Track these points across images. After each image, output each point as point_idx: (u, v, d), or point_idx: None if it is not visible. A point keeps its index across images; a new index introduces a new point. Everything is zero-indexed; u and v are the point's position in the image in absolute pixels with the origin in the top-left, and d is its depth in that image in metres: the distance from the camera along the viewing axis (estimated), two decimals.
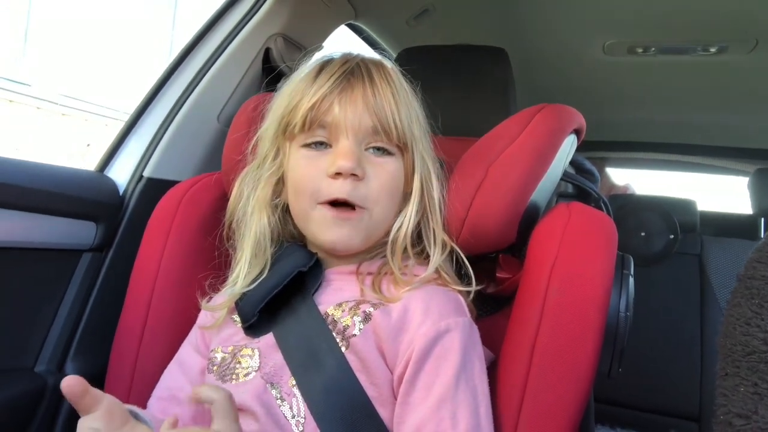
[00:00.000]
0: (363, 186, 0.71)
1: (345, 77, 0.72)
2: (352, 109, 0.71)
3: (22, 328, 0.92)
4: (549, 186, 0.84)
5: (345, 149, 0.70)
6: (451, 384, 0.63)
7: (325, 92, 0.71)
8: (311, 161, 0.72)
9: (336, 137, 0.71)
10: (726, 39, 1.43)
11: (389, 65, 0.77)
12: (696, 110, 2.03)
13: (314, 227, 0.73)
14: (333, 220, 0.71)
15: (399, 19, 1.49)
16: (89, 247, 0.99)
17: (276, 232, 0.78)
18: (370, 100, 0.71)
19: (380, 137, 0.72)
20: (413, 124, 0.75)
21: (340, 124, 0.71)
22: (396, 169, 0.74)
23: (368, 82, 0.72)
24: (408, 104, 0.75)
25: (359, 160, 0.70)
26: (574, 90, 1.94)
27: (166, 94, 1.12)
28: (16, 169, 0.87)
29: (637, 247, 2.15)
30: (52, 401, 0.92)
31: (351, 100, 0.71)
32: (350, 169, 0.69)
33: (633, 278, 0.75)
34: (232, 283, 0.77)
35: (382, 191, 0.72)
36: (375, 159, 0.73)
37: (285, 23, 1.23)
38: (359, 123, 0.71)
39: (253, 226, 0.77)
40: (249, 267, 0.76)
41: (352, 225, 0.71)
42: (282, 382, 0.69)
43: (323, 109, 0.71)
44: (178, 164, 1.12)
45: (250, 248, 0.76)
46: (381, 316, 0.68)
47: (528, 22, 1.50)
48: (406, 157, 0.75)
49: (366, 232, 0.73)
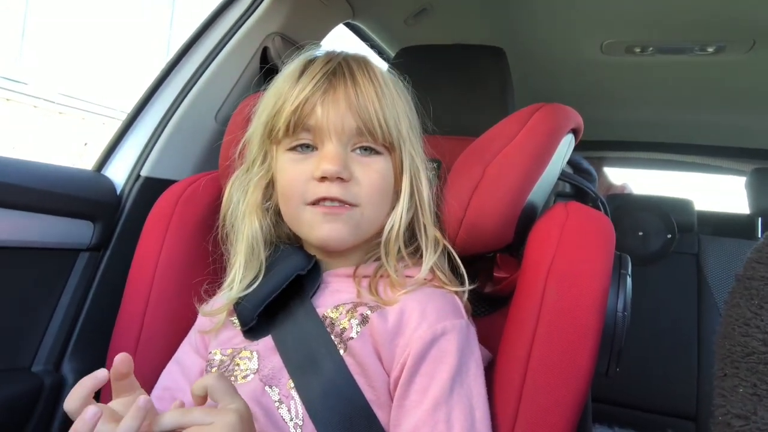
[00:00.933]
0: (352, 186, 0.70)
1: (327, 78, 0.71)
2: (335, 110, 0.70)
3: (19, 327, 0.91)
4: (546, 186, 0.84)
5: (330, 153, 0.69)
6: (446, 387, 0.63)
7: (307, 95, 0.70)
8: (297, 165, 0.72)
9: (321, 140, 0.71)
10: (724, 39, 1.43)
11: (373, 63, 0.76)
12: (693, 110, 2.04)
13: (305, 227, 0.73)
14: (323, 217, 0.70)
15: (397, 19, 1.49)
16: (86, 246, 0.98)
17: (269, 235, 0.78)
18: (353, 101, 0.70)
19: (365, 138, 0.71)
20: (400, 122, 0.74)
21: (323, 126, 0.70)
22: (384, 168, 0.73)
23: (351, 82, 0.71)
24: (393, 102, 0.74)
25: (345, 163, 0.70)
26: (572, 89, 1.95)
27: (163, 93, 1.12)
28: (14, 168, 0.87)
29: (634, 247, 2.15)
30: (49, 401, 0.91)
31: (333, 101, 0.70)
32: (335, 173, 0.68)
33: (630, 278, 0.75)
34: (228, 288, 0.76)
35: (373, 190, 0.72)
36: (362, 159, 0.72)
37: (283, 22, 1.23)
38: (342, 125, 0.70)
39: (245, 230, 0.76)
40: (244, 271, 0.75)
41: (342, 220, 0.71)
42: (280, 384, 0.68)
43: (306, 112, 0.70)
44: (176, 164, 1.11)
45: (244, 253, 0.76)
46: (378, 319, 0.68)
47: (526, 22, 1.50)
48: (394, 156, 0.74)
49: (357, 228, 0.72)
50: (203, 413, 0.54)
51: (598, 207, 0.92)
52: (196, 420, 0.54)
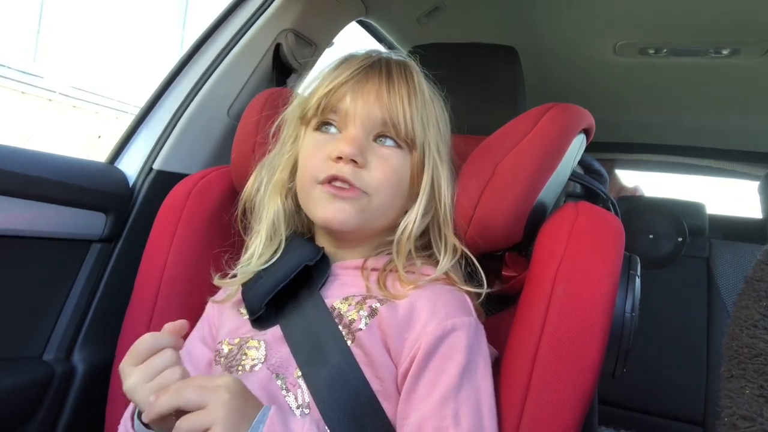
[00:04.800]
0: (365, 172, 0.72)
1: (363, 70, 0.74)
2: (364, 100, 0.72)
3: (32, 316, 0.93)
4: (557, 185, 0.83)
5: (350, 136, 0.72)
6: (455, 383, 0.64)
7: (341, 81, 0.73)
8: (319, 145, 0.74)
9: (345, 124, 0.73)
10: (739, 41, 1.42)
11: (415, 68, 0.78)
12: (707, 113, 2.02)
13: (312, 204, 0.74)
14: (330, 197, 0.72)
15: (410, 17, 1.49)
16: (98, 237, 1.00)
17: (290, 215, 0.80)
18: (384, 96, 0.73)
19: (388, 129, 0.73)
20: (428, 126, 0.76)
21: (350, 112, 0.73)
22: (400, 164, 0.74)
23: (385, 78, 0.74)
24: (425, 106, 0.76)
25: (362, 148, 0.71)
26: (584, 90, 1.94)
27: (176, 88, 1.13)
28: (29, 159, 0.88)
29: (644, 250, 2.14)
30: (59, 389, 0.93)
31: (364, 91, 0.73)
32: (350, 155, 0.70)
33: (639, 279, 0.74)
34: (246, 262, 0.78)
35: (383, 180, 0.73)
36: (381, 150, 0.73)
37: (296, 19, 1.23)
38: (368, 113, 0.72)
39: (270, 208, 0.79)
40: (263, 247, 0.78)
41: (348, 204, 0.72)
42: (287, 373, 0.69)
43: (338, 97, 0.73)
44: (188, 157, 1.12)
45: (266, 230, 0.78)
46: (387, 311, 0.69)
47: (539, 21, 1.49)
48: (414, 155, 0.75)
49: (363, 213, 0.73)
50: (196, 392, 0.55)
51: (608, 208, 0.91)
52: (191, 400, 0.55)
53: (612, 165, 2.69)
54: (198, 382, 0.57)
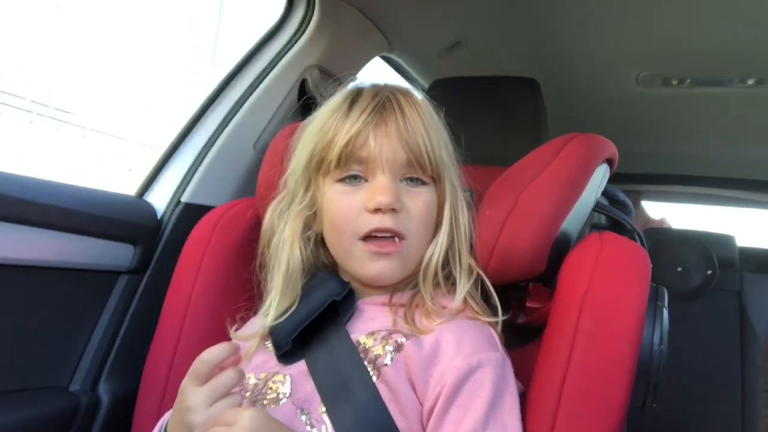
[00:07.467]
0: (403, 217, 0.72)
1: (378, 111, 0.73)
2: (387, 143, 0.72)
3: (60, 346, 0.94)
4: (581, 215, 0.83)
5: (383, 185, 0.71)
6: (481, 420, 0.62)
7: (360, 128, 0.71)
8: (348, 197, 0.73)
9: (372, 172, 0.72)
10: (764, 71, 1.40)
11: (417, 94, 0.78)
12: (734, 143, 1.99)
13: (355, 263, 0.74)
14: (374, 255, 0.72)
15: (431, 52, 1.51)
16: (126, 269, 1.01)
17: (308, 263, 0.79)
18: (404, 134, 0.72)
19: (414, 169, 0.73)
20: (443, 151, 0.76)
21: (375, 159, 0.71)
22: (431, 199, 0.75)
23: (400, 115, 0.73)
24: (437, 132, 0.76)
25: (397, 194, 0.71)
26: (607, 122, 1.93)
27: (205, 123, 1.16)
28: (61, 192, 0.91)
29: (673, 283, 2.09)
30: (84, 420, 0.93)
31: (385, 134, 0.72)
32: (390, 204, 0.70)
33: (667, 311, 0.73)
34: (264, 314, 0.78)
35: (421, 221, 0.73)
36: (411, 189, 0.74)
37: (321, 54, 1.26)
38: (394, 157, 0.72)
39: (284, 258, 0.77)
40: (279, 299, 0.76)
41: (393, 259, 0.72)
42: (312, 408, 0.68)
43: (359, 144, 0.71)
44: (215, 190, 1.14)
45: (281, 280, 0.77)
46: (413, 346, 0.68)
47: (560, 54, 1.50)
48: (438, 187, 0.76)
49: (405, 262, 0.74)
50: (231, 413, 0.58)
51: (634, 239, 0.90)
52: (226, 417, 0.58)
53: (638, 197, 2.65)
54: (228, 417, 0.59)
